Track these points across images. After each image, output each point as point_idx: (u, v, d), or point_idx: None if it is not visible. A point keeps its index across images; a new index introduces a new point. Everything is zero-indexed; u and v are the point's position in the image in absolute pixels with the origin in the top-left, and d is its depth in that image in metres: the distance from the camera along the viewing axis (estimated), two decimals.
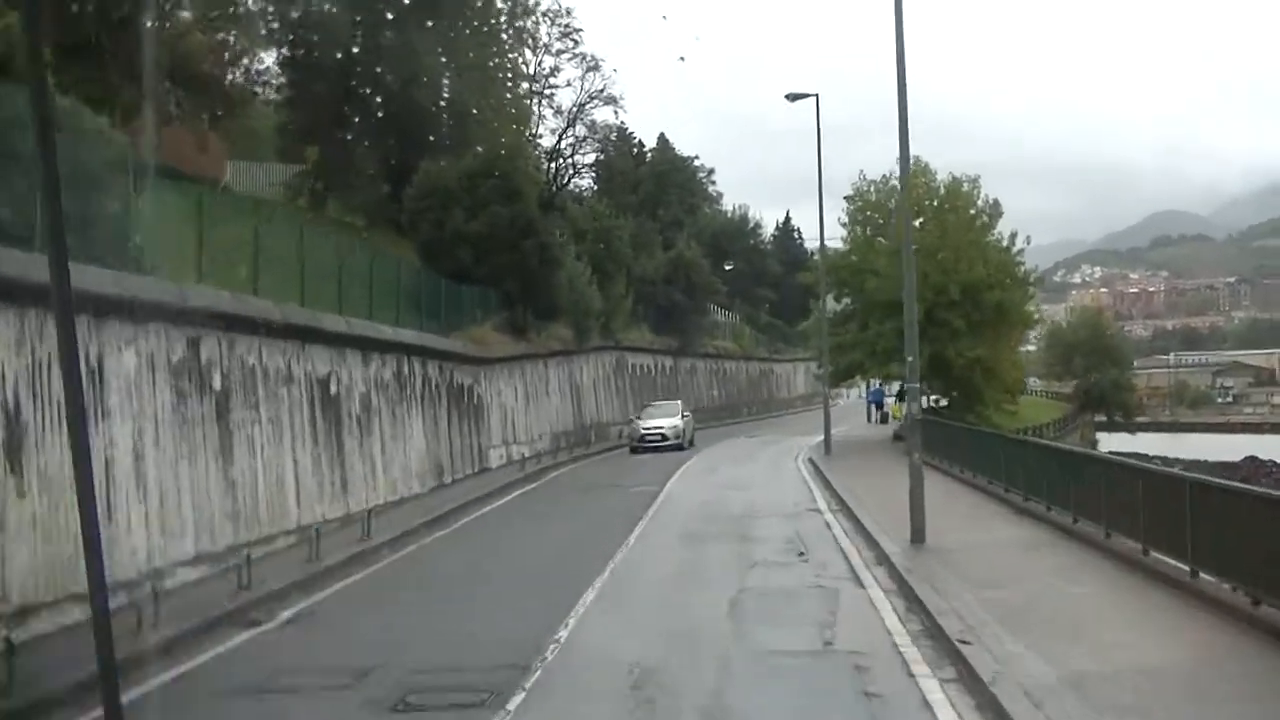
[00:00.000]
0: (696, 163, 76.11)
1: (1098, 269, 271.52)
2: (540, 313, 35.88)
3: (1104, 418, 78.66)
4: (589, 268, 39.33)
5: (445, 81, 38.43)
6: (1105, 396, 77.11)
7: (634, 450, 37.83)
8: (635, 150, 72.97)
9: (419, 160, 34.38)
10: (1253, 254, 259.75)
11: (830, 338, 38.61)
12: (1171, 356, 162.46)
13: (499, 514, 21.97)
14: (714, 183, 78.40)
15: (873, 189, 38.24)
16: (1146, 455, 56.28)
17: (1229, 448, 68.28)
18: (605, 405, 43.74)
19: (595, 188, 71.50)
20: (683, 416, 40.37)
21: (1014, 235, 37.38)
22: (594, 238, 42.63)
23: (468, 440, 27.36)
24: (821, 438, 38.42)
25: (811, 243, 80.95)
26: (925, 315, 35.87)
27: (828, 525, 18.88)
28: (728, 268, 62.27)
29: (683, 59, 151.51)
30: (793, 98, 33.31)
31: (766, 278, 73.50)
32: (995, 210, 37.63)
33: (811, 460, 31.97)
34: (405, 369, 22.80)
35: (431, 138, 36.72)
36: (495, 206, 32.68)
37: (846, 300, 39.71)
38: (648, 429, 38.74)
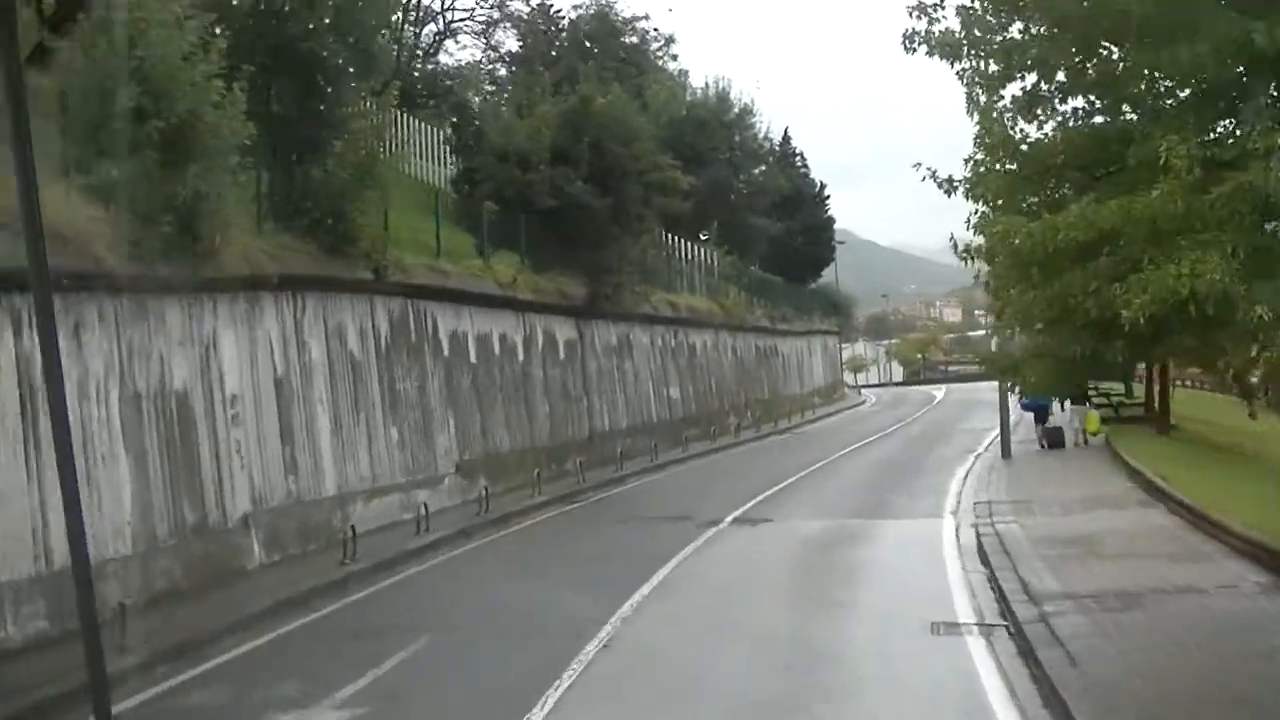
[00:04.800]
0: (645, 24, 48.42)
1: None
2: None
3: None
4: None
5: None
6: None
7: None
8: (557, 25, 45.65)
9: None
10: None
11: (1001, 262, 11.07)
12: None
13: None
14: (674, 57, 50.42)
15: None
16: None
17: None
18: (350, 447, 16.05)
19: (490, 70, 44.88)
20: None
21: None
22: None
23: None
24: (952, 522, 14.22)
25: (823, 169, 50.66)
26: None
27: None
28: (687, 198, 30.81)
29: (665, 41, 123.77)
30: None
31: (762, 200, 45.58)
32: None
33: None
34: None
35: None
36: None
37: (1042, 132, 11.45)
38: None
